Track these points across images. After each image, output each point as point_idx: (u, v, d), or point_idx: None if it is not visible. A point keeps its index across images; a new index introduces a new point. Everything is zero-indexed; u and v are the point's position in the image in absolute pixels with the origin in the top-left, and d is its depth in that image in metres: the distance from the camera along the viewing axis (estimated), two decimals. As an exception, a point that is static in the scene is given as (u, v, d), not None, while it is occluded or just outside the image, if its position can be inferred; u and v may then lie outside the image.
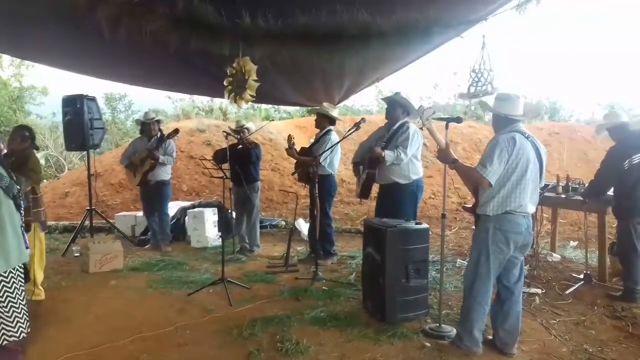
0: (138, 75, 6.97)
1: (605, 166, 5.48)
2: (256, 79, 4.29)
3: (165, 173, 7.51)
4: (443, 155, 3.98)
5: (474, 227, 4.15)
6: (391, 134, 5.50)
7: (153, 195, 7.51)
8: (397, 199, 5.44)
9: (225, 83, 4.40)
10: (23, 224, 3.85)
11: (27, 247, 3.85)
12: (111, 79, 7.77)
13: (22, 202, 3.86)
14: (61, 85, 11.90)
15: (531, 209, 3.84)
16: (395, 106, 5.53)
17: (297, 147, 6.72)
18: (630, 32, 41.36)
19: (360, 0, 3.70)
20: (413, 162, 5.46)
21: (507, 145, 3.65)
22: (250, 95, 4.40)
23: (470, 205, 4.11)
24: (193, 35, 3.64)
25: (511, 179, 3.68)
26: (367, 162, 5.53)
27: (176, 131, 7.45)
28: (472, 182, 3.87)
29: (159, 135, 7.47)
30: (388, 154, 5.31)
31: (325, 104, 6.77)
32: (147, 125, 7.54)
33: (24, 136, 5.22)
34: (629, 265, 5.24)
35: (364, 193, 5.71)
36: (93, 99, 7.72)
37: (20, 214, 3.82)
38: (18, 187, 3.81)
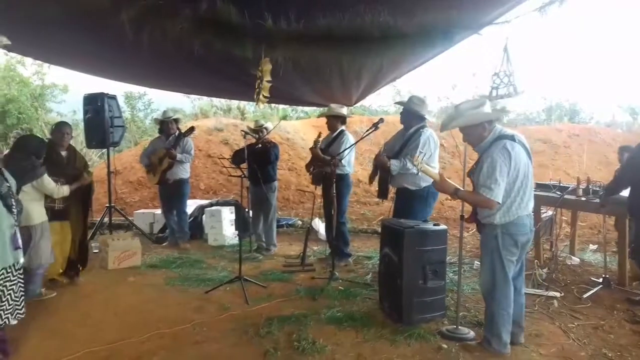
0: (160, 79, 7.03)
1: (628, 163, 5.40)
2: (270, 79, 4.30)
3: (184, 171, 7.56)
4: (440, 187, 3.93)
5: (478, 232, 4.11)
6: (405, 139, 5.47)
7: (172, 194, 7.57)
8: (408, 204, 5.41)
9: (255, 85, 4.43)
10: (16, 224, 3.74)
11: (16, 248, 3.72)
12: (133, 82, 7.85)
13: (13, 202, 3.74)
14: (81, 83, 12.11)
15: (532, 205, 3.88)
16: (406, 113, 5.51)
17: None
18: (653, 33, 40.71)
19: (382, 2, 3.69)
20: None
21: (503, 159, 3.61)
22: (264, 96, 4.42)
23: (468, 216, 4.08)
24: (216, 38, 3.65)
25: (514, 189, 3.68)
26: (380, 166, 5.52)
27: (192, 129, 7.52)
28: (478, 206, 3.80)
29: (177, 133, 7.53)
30: (394, 164, 5.29)
31: (332, 105, 6.78)
32: (166, 124, 7.60)
33: (71, 131, 5.67)
34: None
35: (379, 193, 5.75)
36: (113, 97, 7.81)
37: (12, 213, 3.70)
38: (8, 184, 3.74)
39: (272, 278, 5.99)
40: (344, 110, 6.78)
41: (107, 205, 7.88)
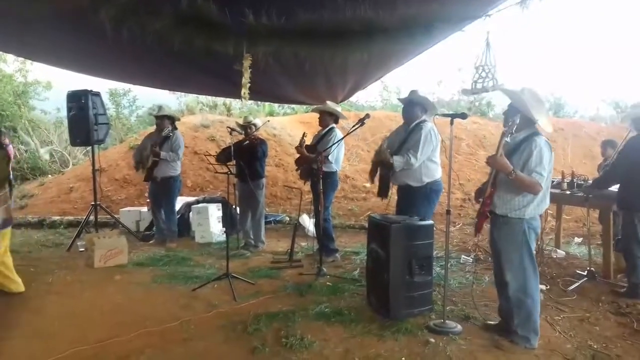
0: (142, 76, 6.98)
1: (622, 157, 5.45)
2: (250, 76, 4.29)
3: (172, 169, 7.50)
4: (500, 164, 3.74)
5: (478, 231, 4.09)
6: (407, 134, 5.37)
7: (160, 191, 7.54)
8: (411, 201, 5.30)
9: (242, 81, 4.41)
10: None
11: None
12: (115, 79, 7.78)
13: None
14: (65, 80, 11.92)
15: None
16: (414, 105, 5.38)
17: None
18: (636, 27, 41.17)
19: None
20: (426, 164, 5.26)
21: (548, 150, 3.75)
22: (244, 92, 4.40)
23: (478, 226, 4.04)
24: (197, 34, 3.64)
25: (546, 184, 3.80)
26: (381, 164, 5.42)
27: (175, 128, 7.58)
28: (528, 189, 3.74)
29: (167, 131, 7.49)
30: (397, 160, 5.18)
31: (328, 102, 6.76)
32: (158, 120, 7.58)
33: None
34: (632, 261, 5.22)
35: (380, 192, 5.63)
36: (97, 95, 7.73)
37: None
38: None
39: (259, 275, 5.98)
40: (339, 109, 6.76)
41: (93, 203, 7.80)
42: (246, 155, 6.84)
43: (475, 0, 4.35)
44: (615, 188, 5.50)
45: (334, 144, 6.23)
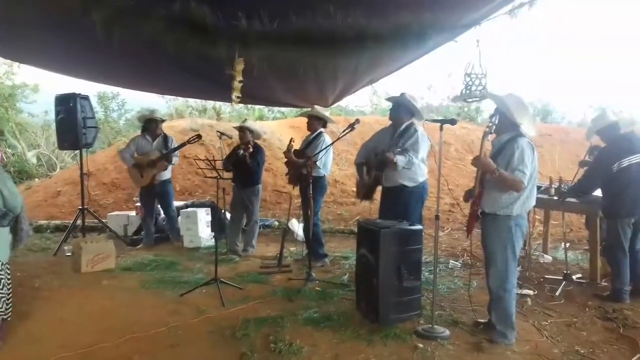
0: (133, 79, 6.95)
1: (594, 168, 5.58)
2: (242, 79, 4.29)
3: (168, 172, 7.71)
4: (484, 164, 3.95)
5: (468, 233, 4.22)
6: (397, 136, 5.38)
7: (159, 195, 7.68)
8: (404, 201, 5.31)
9: (232, 85, 4.42)
10: None
11: None
12: (106, 82, 7.75)
13: None
14: (53, 83, 11.81)
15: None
16: (399, 108, 5.41)
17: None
18: (622, 34, 41.67)
19: (355, 3, 3.71)
20: (420, 165, 5.31)
21: (530, 150, 3.95)
22: (236, 96, 4.41)
23: (468, 226, 4.17)
24: (189, 38, 3.63)
25: (532, 181, 3.97)
26: (375, 164, 5.42)
27: (198, 136, 7.60)
28: (511, 187, 3.91)
29: (162, 135, 7.53)
30: (400, 159, 5.13)
31: (317, 106, 6.77)
32: (154, 124, 7.58)
33: None
34: (617, 265, 5.28)
35: (368, 195, 5.66)
36: (86, 98, 7.67)
37: None
38: None
39: (248, 280, 5.95)
40: (327, 113, 6.78)
41: (80, 207, 7.74)
42: (242, 163, 6.81)
43: (467, 10, 4.39)
44: (599, 194, 5.59)
45: (322, 149, 6.23)
